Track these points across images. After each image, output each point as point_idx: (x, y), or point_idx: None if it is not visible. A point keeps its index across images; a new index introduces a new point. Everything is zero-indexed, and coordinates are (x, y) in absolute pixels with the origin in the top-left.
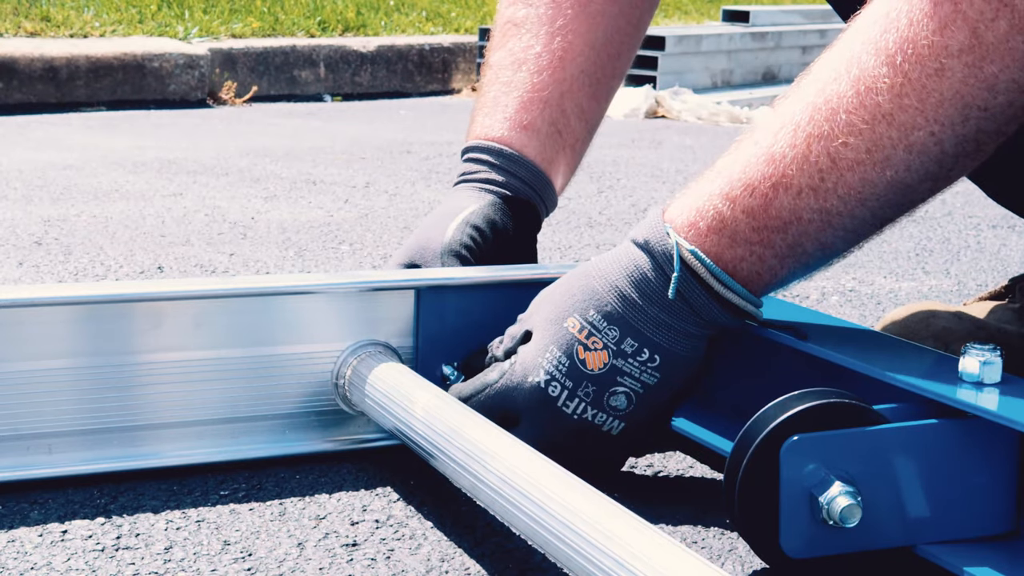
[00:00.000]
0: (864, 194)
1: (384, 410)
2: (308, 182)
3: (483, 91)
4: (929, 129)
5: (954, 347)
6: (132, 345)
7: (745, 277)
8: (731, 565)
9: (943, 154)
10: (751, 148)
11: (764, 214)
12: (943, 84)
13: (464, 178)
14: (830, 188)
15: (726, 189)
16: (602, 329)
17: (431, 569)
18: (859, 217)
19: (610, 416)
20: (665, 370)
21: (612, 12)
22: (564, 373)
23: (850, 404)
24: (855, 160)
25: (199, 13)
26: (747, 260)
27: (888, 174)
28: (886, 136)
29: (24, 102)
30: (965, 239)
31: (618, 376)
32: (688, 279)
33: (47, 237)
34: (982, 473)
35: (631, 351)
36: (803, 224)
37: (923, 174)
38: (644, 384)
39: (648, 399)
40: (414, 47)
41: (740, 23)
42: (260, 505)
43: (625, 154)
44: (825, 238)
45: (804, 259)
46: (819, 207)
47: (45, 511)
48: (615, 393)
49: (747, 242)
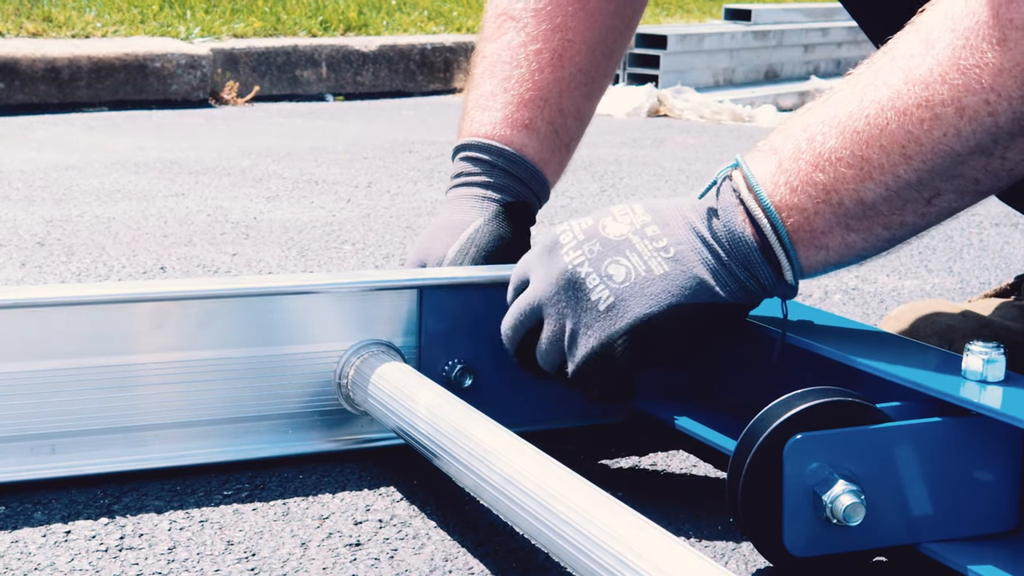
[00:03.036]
0: (908, 151)
1: (387, 410)
2: (310, 182)
3: (477, 83)
4: (984, 96)
5: (958, 345)
6: (135, 345)
7: (779, 204)
8: (735, 564)
9: (997, 127)
10: (824, 94)
11: (809, 148)
12: (1004, 55)
13: (465, 180)
14: (874, 136)
15: (787, 122)
16: (636, 212)
17: (434, 568)
18: (903, 178)
19: (602, 281)
20: (675, 270)
21: (609, 10)
22: (583, 229)
23: (853, 402)
24: (903, 111)
25: (201, 13)
26: (782, 188)
27: (936, 134)
28: (938, 93)
29: (26, 103)
30: (968, 237)
31: (627, 249)
32: (728, 189)
33: (49, 238)
34: (985, 471)
35: (652, 234)
36: (842, 166)
37: (974, 145)
38: (648, 268)
39: (646, 287)
40: (416, 47)
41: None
42: (263, 505)
43: (627, 153)
44: (864, 192)
45: (841, 212)
46: (860, 154)
47: (49, 512)
48: (617, 262)
49: (784, 171)
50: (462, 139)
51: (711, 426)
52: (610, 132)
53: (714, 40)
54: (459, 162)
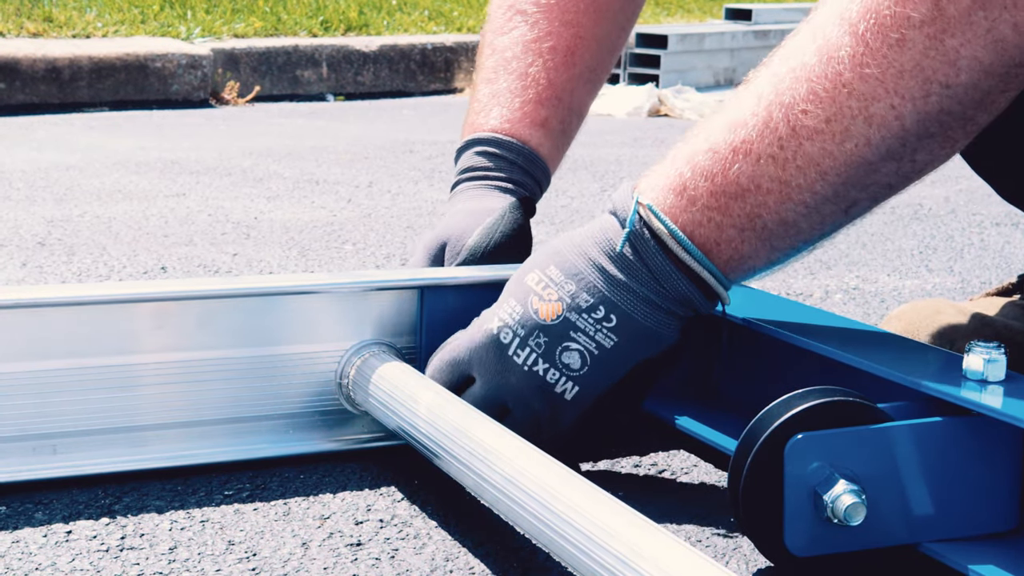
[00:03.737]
0: (823, 166)
1: (388, 410)
2: (311, 182)
3: (491, 77)
4: (889, 101)
5: (959, 344)
6: (136, 345)
7: (703, 244)
8: (735, 563)
9: (904, 131)
10: (719, 116)
11: (723, 179)
12: (904, 56)
13: (484, 174)
14: (789, 157)
15: (689, 153)
16: (559, 282)
17: (435, 568)
18: (820, 193)
19: (562, 374)
20: (622, 334)
21: (615, 7)
22: (517, 320)
23: (854, 402)
24: (814, 129)
25: (201, 13)
26: (704, 226)
27: (848, 146)
28: (846, 106)
29: (27, 103)
30: (968, 237)
31: (571, 331)
32: (643, 237)
33: (50, 238)
34: (986, 471)
35: (586, 306)
36: (761, 194)
37: (884, 151)
38: (599, 345)
39: (604, 364)
40: (416, 46)
41: (743, 21)
42: (264, 505)
43: (628, 153)
44: (785, 213)
45: (766, 235)
46: (777, 176)
47: (50, 511)
48: (568, 349)
49: (705, 207)
50: (478, 133)
51: (712, 426)
52: (611, 132)
53: (715, 40)
54: (475, 156)
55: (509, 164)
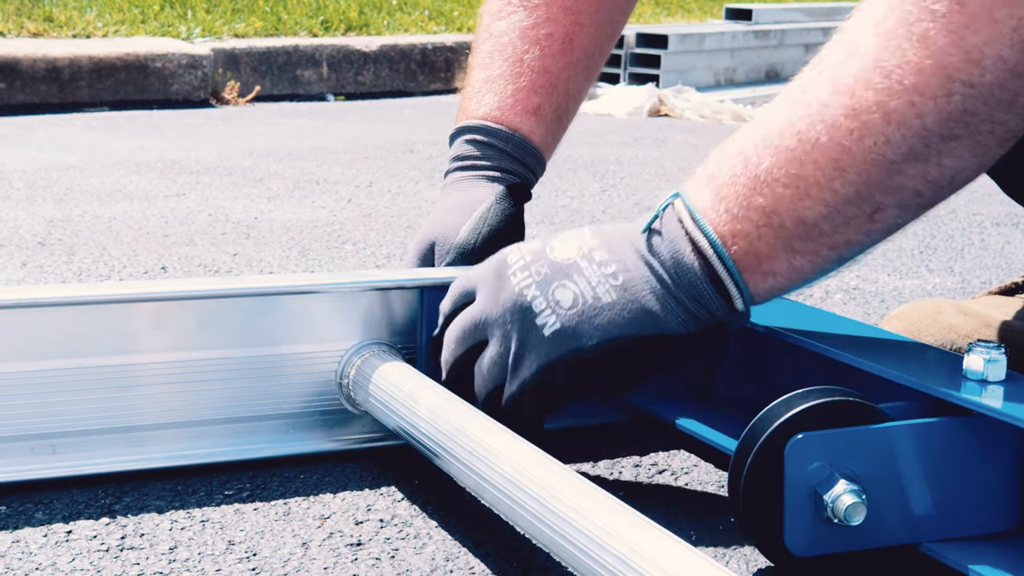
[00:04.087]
0: (842, 163)
1: (388, 409)
2: (311, 182)
3: (486, 63)
4: (908, 98)
5: (959, 344)
6: (136, 345)
7: (721, 232)
8: (736, 563)
9: (925, 130)
10: (758, 114)
11: (743, 170)
12: (924, 52)
13: (473, 164)
14: (807, 151)
15: (721, 148)
16: (584, 236)
17: (435, 568)
18: (840, 193)
19: (548, 306)
20: (623, 298)
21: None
22: (530, 250)
23: (855, 402)
24: (832, 124)
25: (202, 13)
26: (718, 214)
27: (867, 143)
28: (863, 100)
29: (27, 103)
30: (969, 237)
31: (575, 273)
32: (665, 219)
33: (50, 238)
34: (986, 471)
35: (599, 260)
36: (779, 187)
37: (907, 151)
38: (596, 296)
39: (593, 316)
40: (417, 46)
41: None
42: (264, 505)
43: (628, 152)
44: (804, 211)
45: (784, 234)
46: (795, 172)
47: (50, 511)
48: (564, 287)
49: (722, 197)
50: (469, 120)
51: (712, 426)
52: (611, 132)
53: (715, 40)
54: (465, 144)
55: (498, 152)
